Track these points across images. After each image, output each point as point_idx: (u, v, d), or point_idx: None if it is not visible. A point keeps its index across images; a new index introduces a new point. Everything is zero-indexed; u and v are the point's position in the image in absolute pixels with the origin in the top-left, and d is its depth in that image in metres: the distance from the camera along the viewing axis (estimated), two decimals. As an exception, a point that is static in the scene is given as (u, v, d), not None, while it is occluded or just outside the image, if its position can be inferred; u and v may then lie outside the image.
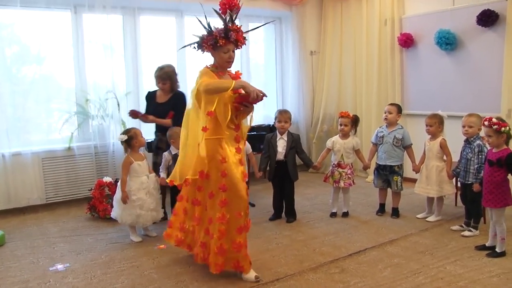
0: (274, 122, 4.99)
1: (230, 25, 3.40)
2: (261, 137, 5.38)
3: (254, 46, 7.45)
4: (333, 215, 5.09)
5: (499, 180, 3.79)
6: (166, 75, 4.93)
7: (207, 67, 3.49)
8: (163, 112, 4.85)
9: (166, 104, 4.94)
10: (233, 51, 3.44)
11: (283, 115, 4.88)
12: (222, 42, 3.34)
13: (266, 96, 3.37)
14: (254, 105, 3.45)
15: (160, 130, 4.95)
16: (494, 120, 3.75)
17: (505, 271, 3.52)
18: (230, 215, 3.35)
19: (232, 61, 3.48)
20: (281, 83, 7.61)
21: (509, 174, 3.81)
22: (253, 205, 5.50)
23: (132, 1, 5.95)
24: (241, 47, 3.52)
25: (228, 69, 3.57)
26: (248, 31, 3.64)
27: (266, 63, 7.67)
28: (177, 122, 4.37)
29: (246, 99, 3.33)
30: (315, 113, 7.67)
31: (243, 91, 3.31)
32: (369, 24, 6.84)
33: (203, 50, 3.48)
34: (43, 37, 5.71)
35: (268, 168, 4.95)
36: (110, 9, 5.78)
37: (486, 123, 3.78)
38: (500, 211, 3.84)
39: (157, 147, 4.97)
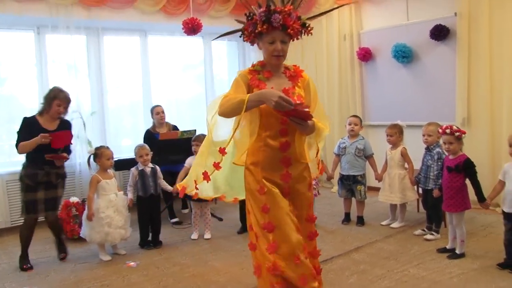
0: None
1: (276, 6, 2.59)
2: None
3: (218, 62, 7.58)
4: (301, 226, 5.17)
5: (458, 186, 3.97)
6: (70, 101, 4.38)
7: (252, 65, 2.77)
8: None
9: (56, 131, 4.27)
10: (283, 42, 2.61)
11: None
12: (263, 27, 2.56)
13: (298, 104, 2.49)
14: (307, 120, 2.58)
15: (49, 163, 4.21)
16: (455, 127, 3.96)
17: (465, 271, 3.69)
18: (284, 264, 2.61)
19: (282, 55, 2.65)
20: (245, 98, 7.71)
21: (466, 179, 4.00)
22: (220, 219, 5.57)
23: (96, 21, 5.99)
24: (297, 37, 2.68)
25: (287, 65, 2.79)
26: (312, 17, 2.81)
27: (230, 78, 7.76)
28: (68, 152, 4.31)
29: (291, 112, 2.48)
30: (280, 127, 7.79)
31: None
32: (329, 40, 7.05)
33: (249, 42, 2.74)
34: (4, 58, 5.68)
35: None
36: (74, 30, 5.79)
37: (448, 131, 3.95)
38: (461, 215, 4.01)
39: (45, 181, 4.20)
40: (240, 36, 2.74)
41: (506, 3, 5.12)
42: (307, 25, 2.67)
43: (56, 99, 4.26)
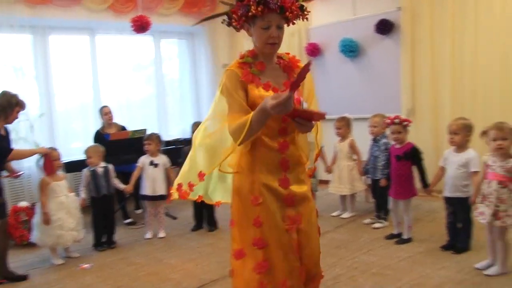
0: (191, 135, 5.06)
1: None
2: (178, 151, 5.46)
3: (168, 62, 7.53)
4: (254, 220, 5.23)
5: (407, 173, 4.14)
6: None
7: (240, 57, 2.31)
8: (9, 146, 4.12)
9: (7, 137, 4.09)
10: (279, 27, 2.20)
11: (200, 127, 4.91)
12: (257, 10, 2.13)
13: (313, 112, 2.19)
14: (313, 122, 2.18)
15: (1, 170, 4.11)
16: (402, 117, 4.12)
17: (412, 255, 3.87)
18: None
19: (277, 43, 2.22)
20: (196, 96, 7.70)
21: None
22: (174, 218, 5.57)
23: (42, 20, 5.84)
24: (294, 21, 2.28)
25: (281, 54, 2.37)
26: None
27: (180, 78, 7.74)
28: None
29: (297, 113, 2.09)
30: (232, 124, 7.81)
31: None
32: (278, 36, 7.13)
33: (235, 28, 2.29)
34: None
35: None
36: (18, 29, 5.64)
37: (396, 120, 4.11)
38: (409, 202, 4.19)
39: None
40: (223, 22, 2.32)
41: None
42: (304, 8, 2.29)
43: (17, 106, 4.05)
